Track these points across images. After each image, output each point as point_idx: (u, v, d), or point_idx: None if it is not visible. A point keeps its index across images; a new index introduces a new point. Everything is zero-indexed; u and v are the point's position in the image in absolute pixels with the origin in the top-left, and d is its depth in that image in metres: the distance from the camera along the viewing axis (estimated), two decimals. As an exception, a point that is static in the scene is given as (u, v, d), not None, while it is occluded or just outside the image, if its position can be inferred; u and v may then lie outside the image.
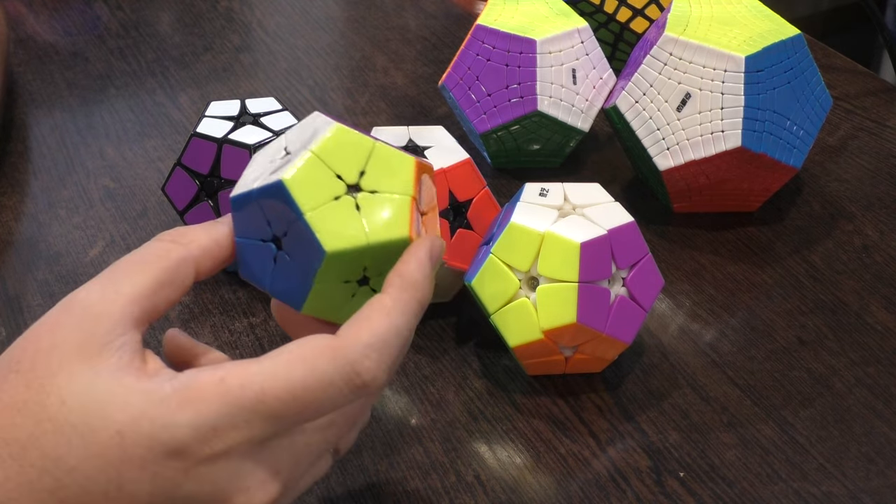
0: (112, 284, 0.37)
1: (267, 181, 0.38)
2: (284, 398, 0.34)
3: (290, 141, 0.40)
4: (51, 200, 0.67)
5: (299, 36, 0.88)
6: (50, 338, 0.35)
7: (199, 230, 0.40)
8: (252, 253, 0.39)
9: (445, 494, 0.48)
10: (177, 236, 0.39)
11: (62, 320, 0.36)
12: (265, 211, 0.38)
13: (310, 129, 0.40)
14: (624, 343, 0.50)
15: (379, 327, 0.36)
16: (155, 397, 0.34)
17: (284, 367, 0.35)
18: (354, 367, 0.35)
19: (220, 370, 0.35)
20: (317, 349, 0.35)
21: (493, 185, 0.68)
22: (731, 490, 0.48)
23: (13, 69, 0.82)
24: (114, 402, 0.34)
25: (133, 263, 0.38)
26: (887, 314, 0.58)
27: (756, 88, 0.59)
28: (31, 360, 0.35)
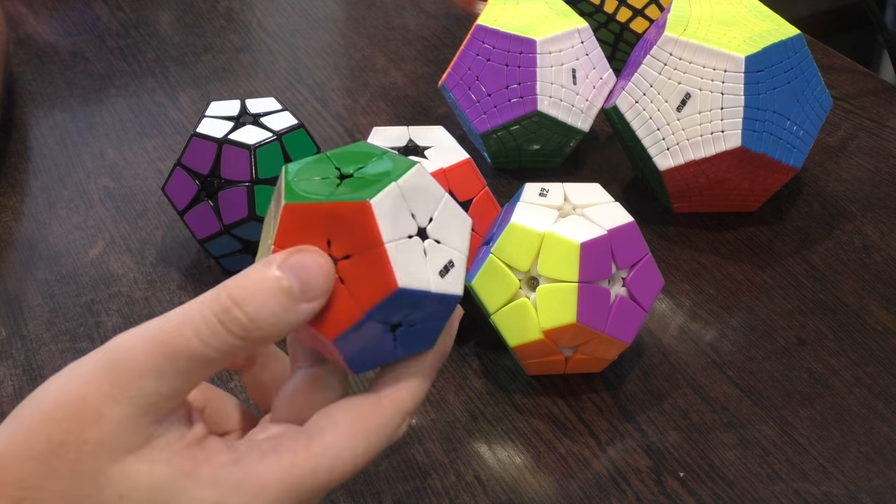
0: (169, 382, 0.33)
1: (446, 290, 0.36)
2: (349, 471, 0.36)
3: (416, 208, 0.36)
4: (51, 200, 0.67)
5: (299, 36, 0.88)
6: (97, 431, 0.33)
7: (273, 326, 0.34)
8: (368, 353, 0.37)
9: (445, 494, 0.48)
10: (250, 330, 0.33)
11: (109, 412, 0.33)
12: (419, 307, 0.36)
13: (430, 197, 0.37)
14: (624, 343, 0.50)
15: (417, 393, 0.38)
16: (226, 486, 0.34)
17: (348, 443, 0.36)
18: (396, 431, 0.37)
19: (287, 452, 0.35)
20: (370, 418, 0.36)
21: (493, 185, 0.68)
22: (731, 490, 0.48)
23: (13, 69, 0.82)
24: (181, 495, 0.33)
25: (194, 359, 0.33)
26: (887, 314, 0.58)
27: (756, 88, 0.59)
28: (77, 450, 0.33)
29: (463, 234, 0.38)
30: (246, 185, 0.57)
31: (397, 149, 0.57)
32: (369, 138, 0.58)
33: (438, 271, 0.36)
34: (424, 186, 0.37)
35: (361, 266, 0.35)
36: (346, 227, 0.34)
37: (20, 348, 0.56)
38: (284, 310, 0.33)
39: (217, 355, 0.33)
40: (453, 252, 0.37)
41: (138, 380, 0.33)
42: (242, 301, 0.33)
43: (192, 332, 0.33)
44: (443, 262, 0.36)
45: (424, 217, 0.36)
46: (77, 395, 0.33)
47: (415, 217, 0.36)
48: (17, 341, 0.56)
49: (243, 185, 0.57)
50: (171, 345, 0.33)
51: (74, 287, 0.60)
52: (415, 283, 0.35)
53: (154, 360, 0.33)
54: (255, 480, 0.34)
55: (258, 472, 0.34)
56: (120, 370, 0.33)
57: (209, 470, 0.34)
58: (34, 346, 0.56)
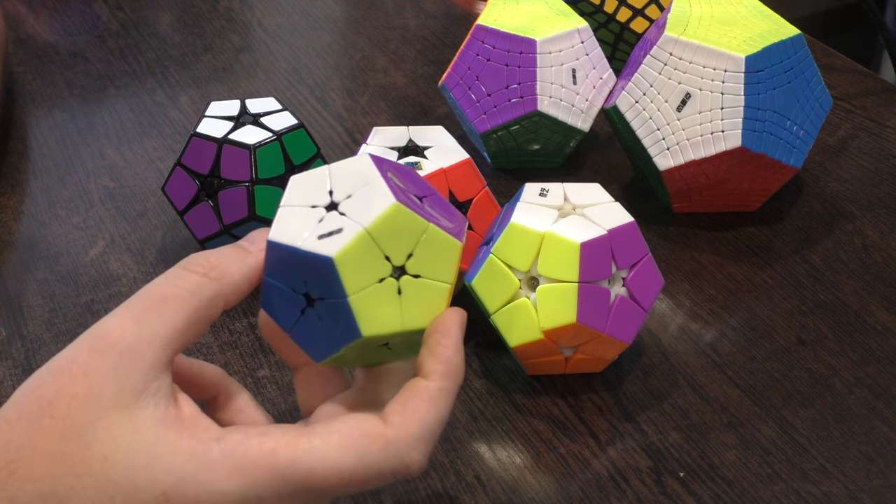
0: (147, 325, 0.35)
1: (316, 248, 0.37)
2: (332, 480, 0.35)
3: (337, 186, 0.39)
4: (51, 200, 0.67)
5: (299, 36, 0.88)
6: (85, 384, 0.34)
7: (230, 263, 0.38)
8: (279, 296, 0.38)
9: (445, 494, 0.48)
10: (209, 269, 0.38)
11: (95, 364, 0.35)
12: (305, 270, 0.37)
13: (359, 180, 0.39)
14: (624, 343, 0.50)
15: (427, 418, 0.37)
16: (203, 460, 0.34)
17: (336, 450, 0.35)
18: (404, 460, 0.36)
19: (270, 439, 0.35)
20: (369, 437, 0.36)
21: (493, 185, 0.68)
22: (731, 490, 0.48)
23: (13, 69, 0.82)
24: (159, 461, 0.34)
25: (166, 299, 0.36)
26: (887, 314, 0.58)
27: (756, 88, 0.59)
28: (67, 406, 0.34)
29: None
30: (246, 185, 0.57)
31: (397, 149, 0.57)
32: (369, 138, 0.58)
33: (319, 234, 0.37)
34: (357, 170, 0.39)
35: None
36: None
37: (20, 348, 0.56)
38: (237, 252, 0.39)
39: (186, 294, 0.36)
40: (351, 223, 0.37)
41: (118, 327, 0.35)
42: (202, 253, 0.38)
43: (161, 280, 0.37)
44: (331, 228, 0.37)
45: (342, 194, 0.39)
46: (66, 358, 0.35)
47: (332, 193, 0.39)
48: (17, 341, 0.56)
49: (243, 185, 0.57)
50: (143, 293, 0.37)
51: (74, 287, 0.60)
52: (284, 238, 0.38)
53: (129, 308, 0.36)
54: (232, 460, 0.34)
55: (236, 452, 0.34)
56: (101, 326, 0.36)
57: (190, 443, 0.34)
58: (34, 346, 0.56)
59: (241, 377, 0.54)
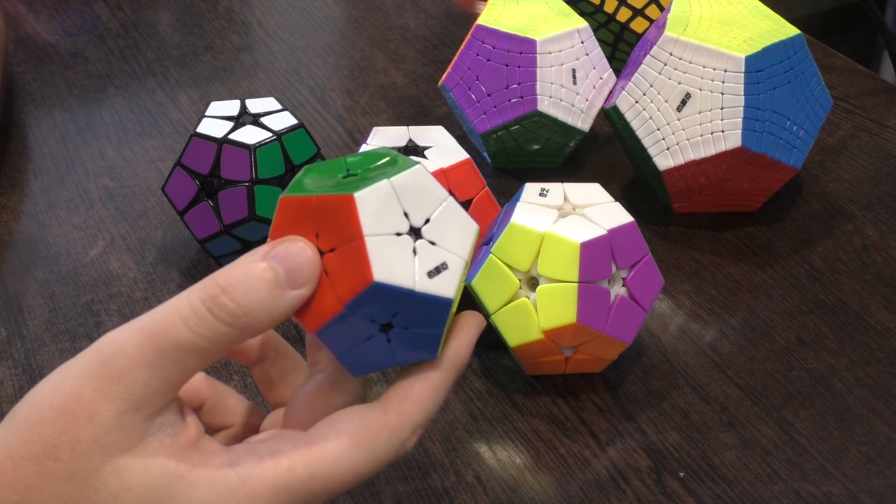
0: (159, 372, 0.33)
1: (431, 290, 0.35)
2: (349, 480, 0.36)
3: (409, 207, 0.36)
4: (51, 200, 0.67)
5: (299, 36, 0.88)
6: (90, 428, 0.33)
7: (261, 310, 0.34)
8: (347, 325, 0.36)
9: (445, 494, 0.48)
10: (236, 318, 0.34)
11: (102, 408, 0.33)
12: (407, 306, 0.36)
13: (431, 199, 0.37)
14: (624, 343, 0.50)
15: (428, 406, 0.37)
16: (220, 489, 0.34)
17: (349, 452, 0.35)
18: (404, 445, 0.37)
19: (284, 458, 0.35)
20: (375, 429, 0.36)
21: (493, 185, 0.68)
22: (731, 490, 0.48)
23: (13, 69, 0.82)
24: (175, 497, 0.33)
25: (184, 349, 0.33)
26: (887, 314, 0.58)
27: (756, 88, 0.59)
28: (71, 450, 0.33)
29: (465, 239, 0.37)
30: (246, 185, 0.57)
31: (397, 149, 0.57)
32: (369, 138, 0.58)
33: (427, 271, 0.36)
34: (423, 186, 0.36)
35: (343, 259, 0.35)
36: (333, 220, 0.35)
37: (20, 348, 0.56)
38: (271, 296, 0.34)
39: (206, 343, 0.33)
40: (449, 255, 0.36)
41: (129, 374, 0.33)
42: (230, 288, 0.33)
43: (181, 320, 0.33)
44: (434, 263, 0.36)
45: (420, 217, 0.36)
46: (69, 393, 0.33)
47: (408, 216, 0.36)
48: (17, 341, 0.56)
49: (243, 185, 0.57)
50: (160, 335, 0.33)
51: (74, 287, 0.60)
52: (394, 279, 0.35)
53: (144, 352, 0.33)
54: (251, 484, 0.34)
55: (254, 475, 0.34)
56: (110, 366, 0.33)
57: (204, 472, 0.34)
58: (34, 346, 0.56)
59: (240, 377, 0.54)
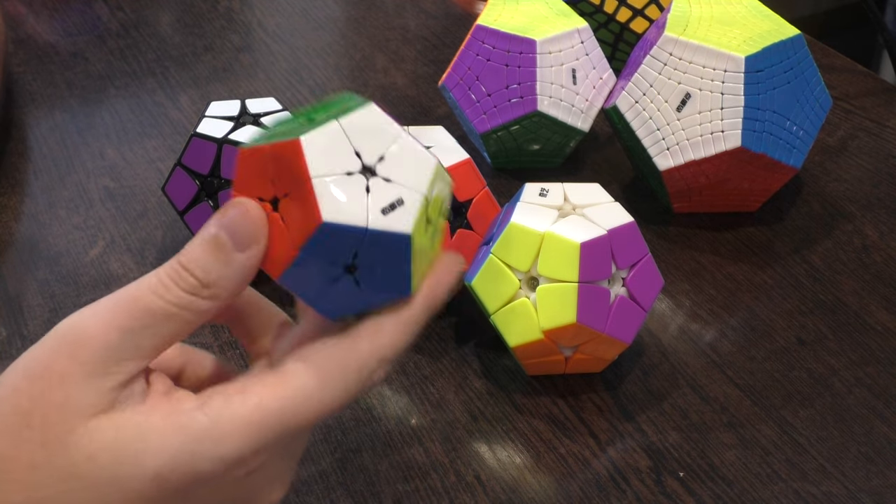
0: (131, 338, 0.34)
1: (387, 226, 0.35)
2: (321, 411, 0.36)
3: (361, 146, 0.36)
4: (51, 200, 0.67)
5: (299, 36, 0.88)
6: (61, 393, 0.34)
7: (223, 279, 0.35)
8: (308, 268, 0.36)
9: (445, 494, 0.48)
10: (200, 288, 0.35)
11: (72, 371, 0.34)
12: (364, 246, 0.35)
13: (383, 137, 0.37)
14: (624, 343, 0.50)
15: (399, 342, 0.37)
16: (191, 433, 0.34)
17: (318, 385, 0.35)
18: (371, 377, 0.37)
19: (253, 394, 0.35)
20: (345, 361, 0.36)
21: (493, 185, 0.68)
22: (731, 490, 0.48)
23: (13, 69, 0.82)
24: (147, 448, 0.34)
25: (153, 313, 0.34)
26: (887, 314, 0.58)
27: (756, 88, 0.59)
28: (43, 415, 0.34)
29: (422, 174, 0.37)
30: (246, 185, 0.57)
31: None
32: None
33: (381, 208, 0.35)
34: (375, 125, 0.36)
35: (295, 203, 0.35)
36: (284, 166, 0.35)
37: (20, 348, 0.56)
38: (222, 262, 0.35)
39: (175, 310, 0.35)
40: (405, 190, 0.36)
41: (101, 336, 0.34)
42: (188, 263, 0.35)
43: (149, 289, 0.35)
44: (389, 199, 0.36)
45: (373, 155, 0.36)
46: (41, 362, 0.34)
47: (360, 155, 0.36)
48: (18, 341, 0.56)
49: (243, 185, 0.57)
50: (131, 301, 0.35)
51: (74, 287, 0.60)
52: (344, 217, 0.35)
53: (116, 317, 0.34)
54: (221, 424, 0.34)
55: (223, 415, 0.34)
56: (82, 330, 0.34)
57: (174, 418, 0.34)
58: (34, 346, 0.56)
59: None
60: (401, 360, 0.54)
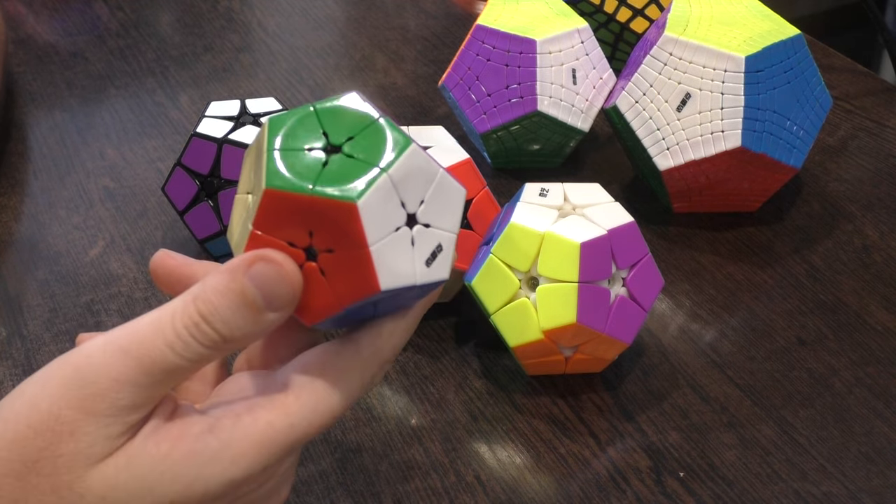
0: (143, 392, 0.33)
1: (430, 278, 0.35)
2: (327, 423, 0.36)
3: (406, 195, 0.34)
4: (51, 200, 0.67)
5: (299, 36, 0.88)
6: (72, 443, 0.33)
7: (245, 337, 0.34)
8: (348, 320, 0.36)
9: (445, 494, 0.48)
10: (220, 344, 0.34)
11: (84, 424, 0.33)
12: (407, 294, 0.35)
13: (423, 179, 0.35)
14: (624, 343, 0.50)
15: (399, 344, 0.37)
16: (204, 458, 0.34)
17: (325, 397, 0.35)
18: (373, 380, 0.37)
19: (262, 413, 0.35)
20: (349, 369, 0.36)
21: (493, 185, 0.68)
22: (731, 490, 0.48)
23: (13, 69, 0.82)
24: (161, 479, 0.33)
25: (169, 372, 0.33)
26: (887, 314, 0.58)
27: (756, 88, 0.59)
28: (53, 465, 0.33)
29: (455, 212, 0.36)
30: (246, 185, 0.57)
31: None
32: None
33: (425, 260, 0.35)
34: (418, 168, 0.34)
35: (344, 263, 0.33)
36: (330, 224, 0.33)
37: (20, 348, 0.56)
38: (250, 322, 0.33)
39: (190, 364, 0.34)
40: (443, 234, 0.35)
41: (113, 393, 0.33)
42: (210, 316, 0.33)
43: (166, 345, 0.33)
44: (431, 248, 0.35)
45: (415, 201, 0.34)
46: (47, 413, 0.33)
47: (405, 205, 0.34)
48: (17, 341, 0.56)
49: (243, 185, 0.57)
50: (146, 358, 0.33)
51: (74, 287, 0.60)
52: (398, 281, 0.34)
53: (129, 374, 0.33)
54: (234, 446, 0.34)
55: (235, 437, 0.34)
56: (92, 386, 0.33)
57: (185, 445, 0.34)
58: (34, 346, 0.56)
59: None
60: (400, 360, 0.54)
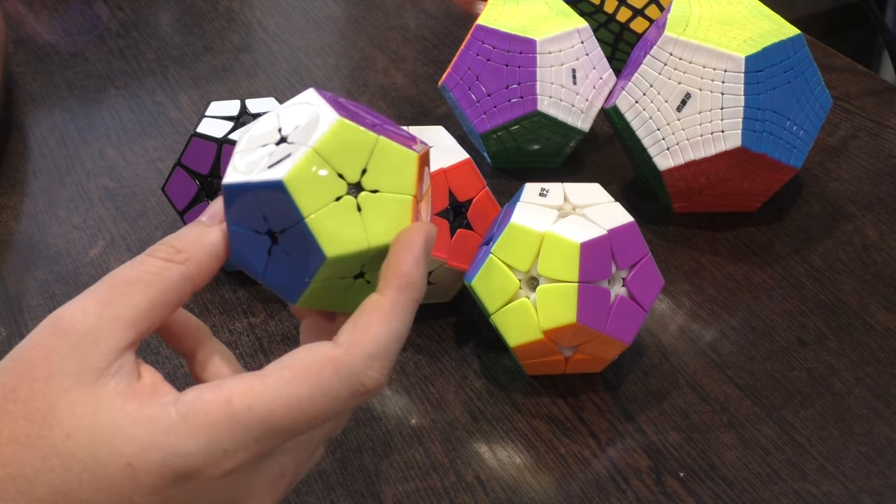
0: (109, 307, 0.35)
1: (265, 176, 0.36)
2: (293, 415, 0.35)
3: (286, 123, 0.38)
4: (51, 200, 0.67)
5: (299, 36, 0.88)
6: (46, 366, 0.34)
7: (193, 244, 0.38)
8: (245, 242, 0.38)
9: (445, 494, 0.48)
10: (173, 253, 0.37)
11: (57, 346, 0.35)
12: (261, 204, 0.37)
13: (306, 113, 0.38)
14: (624, 343, 0.50)
15: (380, 335, 0.36)
16: (162, 425, 0.34)
17: (290, 384, 0.35)
18: (360, 379, 0.35)
19: (225, 390, 0.35)
20: (320, 362, 0.35)
21: (493, 185, 0.68)
22: (731, 490, 0.48)
23: (13, 69, 0.82)
24: (121, 434, 0.34)
25: (129, 283, 0.36)
26: (887, 314, 0.58)
27: (756, 88, 0.59)
28: (29, 389, 0.34)
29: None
30: (246, 185, 0.57)
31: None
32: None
33: (268, 165, 0.37)
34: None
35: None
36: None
37: (20, 348, 0.56)
38: (198, 233, 0.38)
39: (150, 277, 0.36)
40: (298, 147, 0.37)
41: (80, 310, 0.35)
42: (166, 238, 0.38)
43: (124, 266, 0.37)
44: (278, 157, 0.37)
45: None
46: (27, 344, 0.36)
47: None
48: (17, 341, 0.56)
49: (243, 185, 0.57)
50: (107, 278, 0.36)
51: (74, 287, 0.60)
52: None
53: (93, 293, 0.36)
54: (190, 419, 0.34)
55: (192, 410, 0.34)
56: (62, 313, 0.36)
57: (148, 409, 0.34)
58: (34, 346, 0.56)
59: (241, 377, 0.54)
60: (401, 360, 0.54)
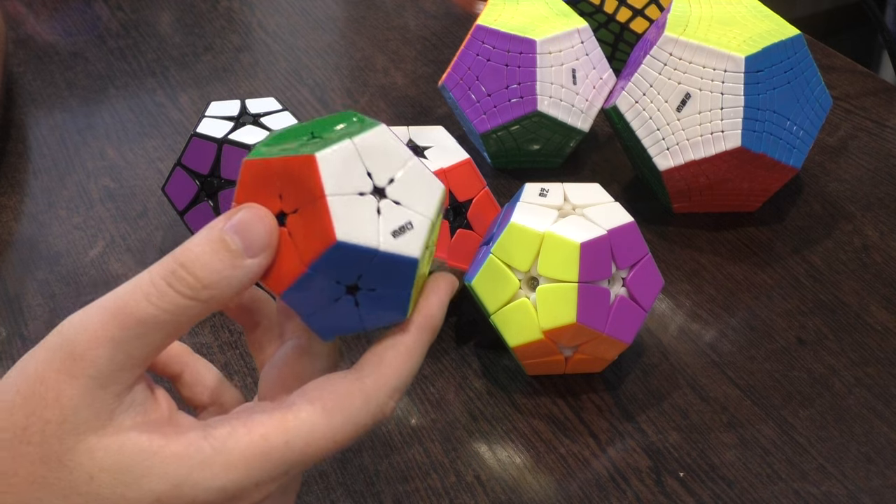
0: (122, 348, 0.33)
1: (397, 249, 0.35)
2: (326, 446, 0.35)
3: (372, 167, 0.36)
4: (51, 200, 0.67)
5: (299, 36, 0.88)
6: (57, 409, 0.33)
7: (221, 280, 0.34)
8: (312, 286, 0.36)
9: (445, 494, 0.48)
10: (198, 289, 0.33)
11: (67, 388, 0.33)
12: (372, 266, 0.35)
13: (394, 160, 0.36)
14: (624, 343, 0.50)
15: (403, 370, 0.37)
16: (195, 461, 0.34)
17: (324, 417, 0.35)
18: (382, 409, 0.37)
19: (259, 425, 0.35)
20: (350, 394, 0.36)
21: (493, 185, 0.68)
22: (731, 490, 0.48)
23: (13, 69, 0.82)
24: (150, 473, 0.33)
25: (146, 323, 0.33)
26: (887, 314, 0.58)
27: (756, 88, 0.59)
28: (41, 432, 0.33)
29: (430, 199, 0.37)
30: (246, 185, 0.57)
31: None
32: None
33: (392, 231, 0.35)
34: (386, 146, 0.36)
35: (306, 219, 0.34)
36: (295, 181, 0.34)
37: (20, 348, 0.56)
38: (229, 266, 0.34)
39: (168, 317, 0.33)
40: (414, 215, 0.36)
41: (92, 350, 0.33)
42: (188, 262, 0.33)
43: (142, 295, 0.33)
44: (399, 222, 0.36)
45: (384, 177, 0.36)
46: (34, 376, 0.33)
47: (371, 176, 0.35)
48: (17, 341, 0.56)
49: (243, 185, 0.57)
50: (121, 311, 0.33)
51: (74, 287, 0.60)
52: (358, 238, 0.34)
53: (106, 328, 0.33)
54: (225, 455, 0.34)
55: (228, 446, 0.34)
56: (72, 344, 0.33)
57: (178, 446, 0.34)
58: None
59: (241, 377, 0.54)
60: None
